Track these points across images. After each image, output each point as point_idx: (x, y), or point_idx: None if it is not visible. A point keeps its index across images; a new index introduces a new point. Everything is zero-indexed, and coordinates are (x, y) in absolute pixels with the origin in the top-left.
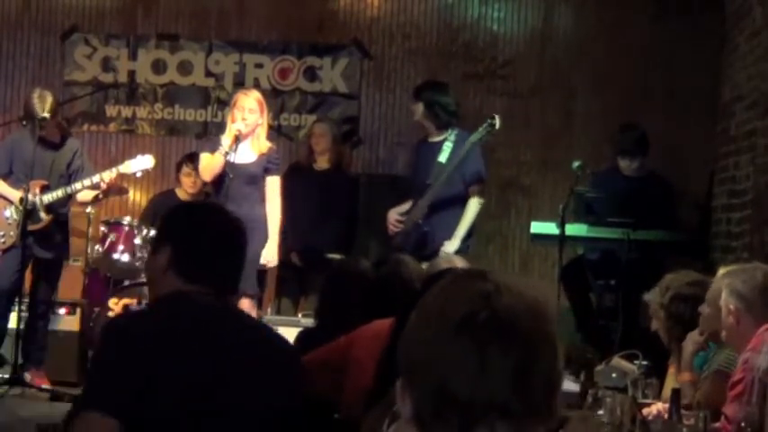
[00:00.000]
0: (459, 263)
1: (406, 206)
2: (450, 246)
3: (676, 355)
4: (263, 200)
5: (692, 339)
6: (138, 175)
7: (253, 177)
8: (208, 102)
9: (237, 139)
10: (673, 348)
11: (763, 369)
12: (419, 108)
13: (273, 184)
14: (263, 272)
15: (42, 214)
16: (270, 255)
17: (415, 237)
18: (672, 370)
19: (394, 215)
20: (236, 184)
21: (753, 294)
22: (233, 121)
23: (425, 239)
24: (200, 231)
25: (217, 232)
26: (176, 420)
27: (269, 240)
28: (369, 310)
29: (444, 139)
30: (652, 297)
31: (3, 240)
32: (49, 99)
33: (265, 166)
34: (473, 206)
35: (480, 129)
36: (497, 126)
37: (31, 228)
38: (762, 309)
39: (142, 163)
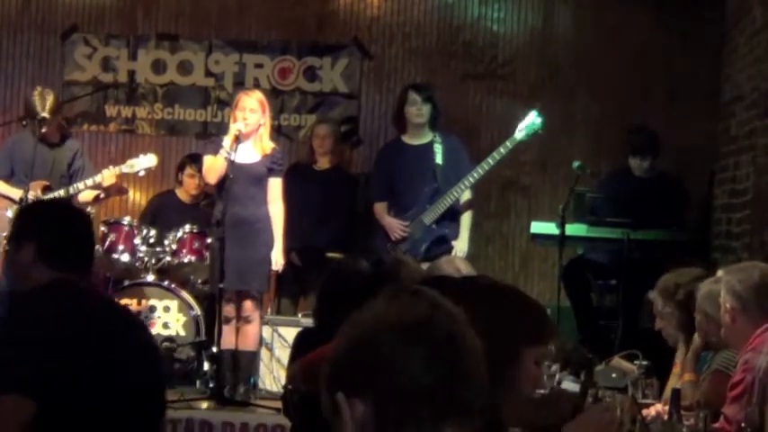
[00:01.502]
0: (462, 264)
1: (381, 205)
2: (463, 246)
3: (684, 352)
4: (267, 200)
5: (694, 342)
6: (141, 174)
7: (257, 178)
8: (208, 102)
9: (238, 139)
10: (681, 346)
11: (764, 369)
12: (428, 110)
13: (276, 186)
14: None
15: None
16: (278, 257)
17: (430, 240)
18: (676, 370)
19: (398, 223)
20: (240, 185)
21: (748, 293)
22: (234, 121)
23: (445, 241)
24: (58, 225)
25: (72, 225)
26: (77, 397)
27: (275, 243)
28: None
29: (431, 141)
30: (655, 296)
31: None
32: (50, 98)
33: (269, 166)
34: (470, 207)
35: (525, 129)
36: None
37: None
38: (756, 308)
39: (145, 162)
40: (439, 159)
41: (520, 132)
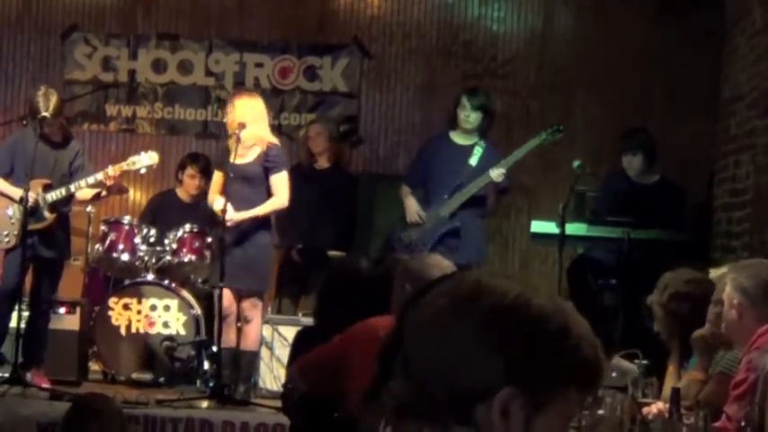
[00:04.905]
0: (446, 262)
1: (407, 188)
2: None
3: (676, 354)
4: (264, 201)
5: (696, 339)
6: (142, 171)
7: (250, 178)
8: (208, 101)
9: (238, 139)
10: (672, 347)
11: None
12: (476, 118)
13: (276, 182)
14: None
15: (46, 213)
16: (231, 215)
17: (442, 231)
18: (671, 369)
19: (417, 208)
20: (235, 185)
21: (756, 291)
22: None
23: (457, 235)
24: None
25: None
26: None
27: (248, 211)
28: (367, 310)
29: (474, 144)
30: (653, 298)
31: (7, 240)
32: (54, 98)
33: (264, 165)
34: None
35: (545, 133)
36: (561, 134)
37: (35, 227)
38: (764, 306)
39: (147, 159)
40: (473, 161)
41: (538, 138)
